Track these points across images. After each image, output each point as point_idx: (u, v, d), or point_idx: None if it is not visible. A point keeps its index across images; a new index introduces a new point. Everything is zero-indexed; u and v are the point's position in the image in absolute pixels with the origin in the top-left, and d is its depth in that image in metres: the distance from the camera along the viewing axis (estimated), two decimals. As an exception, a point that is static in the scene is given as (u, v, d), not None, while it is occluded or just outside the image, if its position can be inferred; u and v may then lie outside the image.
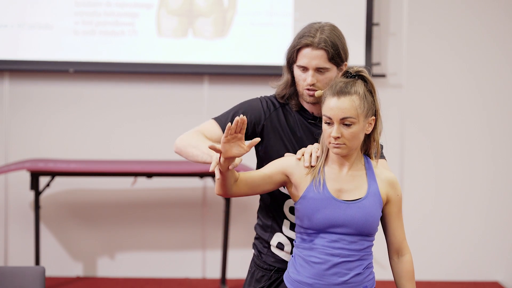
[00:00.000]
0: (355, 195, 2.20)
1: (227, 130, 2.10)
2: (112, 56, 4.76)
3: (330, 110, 2.16)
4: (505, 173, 4.96)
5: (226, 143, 2.10)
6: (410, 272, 2.27)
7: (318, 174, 2.21)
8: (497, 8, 4.91)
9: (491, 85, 4.94)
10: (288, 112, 2.48)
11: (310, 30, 2.40)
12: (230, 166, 2.13)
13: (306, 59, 2.37)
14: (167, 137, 4.85)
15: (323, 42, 2.37)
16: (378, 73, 4.86)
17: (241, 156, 2.15)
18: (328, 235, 2.18)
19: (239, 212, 4.86)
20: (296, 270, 2.23)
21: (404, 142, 4.94)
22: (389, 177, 2.25)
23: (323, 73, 2.38)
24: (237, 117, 2.12)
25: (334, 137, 2.15)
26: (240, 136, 2.13)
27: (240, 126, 2.12)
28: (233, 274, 4.84)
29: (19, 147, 4.82)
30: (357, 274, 2.19)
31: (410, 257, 2.27)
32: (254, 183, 2.26)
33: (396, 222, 2.26)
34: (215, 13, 4.79)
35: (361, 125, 2.17)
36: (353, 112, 2.15)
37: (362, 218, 2.17)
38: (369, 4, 4.80)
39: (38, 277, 2.55)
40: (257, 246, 2.53)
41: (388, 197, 2.24)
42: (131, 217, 4.89)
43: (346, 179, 2.21)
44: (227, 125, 2.13)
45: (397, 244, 2.27)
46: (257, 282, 2.49)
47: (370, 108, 2.19)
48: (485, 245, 4.96)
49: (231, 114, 2.47)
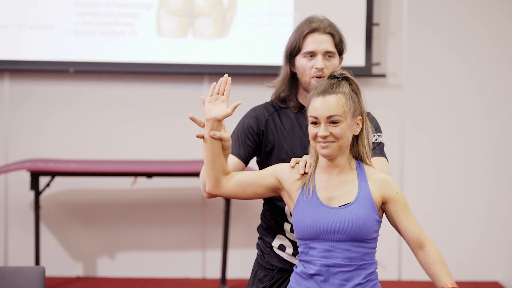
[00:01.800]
0: (345, 201, 2.16)
1: (211, 90, 2.20)
2: (112, 56, 4.76)
3: (316, 109, 2.15)
4: (505, 173, 4.96)
5: (209, 103, 2.20)
6: (437, 258, 2.16)
7: (308, 182, 2.19)
8: (497, 8, 4.91)
9: (491, 85, 4.94)
10: (285, 115, 2.47)
11: (312, 19, 2.43)
12: (211, 133, 2.19)
13: (315, 44, 2.38)
14: (167, 137, 4.85)
15: (329, 26, 2.42)
16: (378, 73, 4.86)
17: (228, 134, 2.21)
18: (321, 244, 2.14)
19: (239, 212, 4.86)
20: (296, 280, 2.21)
21: (404, 142, 4.94)
22: (382, 177, 2.21)
23: (329, 60, 2.40)
24: (221, 77, 2.20)
25: (322, 136, 2.13)
26: (223, 98, 2.20)
27: (224, 86, 2.20)
28: (233, 274, 4.84)
29: (19, 147, 4.82)
30: (358, 284, 2.14)
31: (433, 244, 2.17)
32: (245, 182, 2.24)
33: (406, 218, 2.19)
34: (215, 13, 4.79)
35: (348, 124, 2.15)
36: (339, 110, 2.13)
37: (351, 222, 2.12)
38: (369, 4, 4.80)
39: (38, 277, 2.55)
40: (260, 246, 2.54)
41: (385, 197, 2.19)
42: (131, 217, 4.89)
43: (336, 186, 2.18)
44: (234, 148, 2.25)
45: (415, 239, 2.19)
46: (259, 281, 2.50)
47: (357, 108, 2.18)
48: (485, 245, 4.96)
49: (234, 139, 2.46)
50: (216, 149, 2.21)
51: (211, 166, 2.22)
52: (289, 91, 2.48)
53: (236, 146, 2.43)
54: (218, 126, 2.21)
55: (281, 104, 2.50)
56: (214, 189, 2.23)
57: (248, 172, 2.29)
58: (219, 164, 2.22)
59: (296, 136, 2.44)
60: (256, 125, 2.45)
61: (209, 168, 2.22)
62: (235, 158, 2.41)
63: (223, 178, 2.23)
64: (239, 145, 2.43)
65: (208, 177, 2.23)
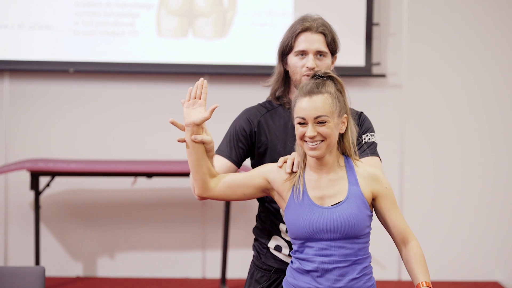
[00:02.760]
0: (336, 200, 2.17)
1: (188, 94, 2.23)
2: (112, 56, 4.76)
3: (303, 110, 2.15)
4: (505, 173, 4.96)
5: (186, 108, 2.23)
6: (417, 255, 2.19)
7: (298, 182, 2.20)
8: (497, 8, 4.91)
9: (491, 85, 4.94)
10: (278, 115, 2.47)
11: (306, 18, 2.43)
12: (192, 137, 2.21)
13: (307, 43, 2.38)
14: (167, 137, 4.85)
15: (322, 26, 2.41)
16: (378, 73, 4.86)
17: (209, 137, 2.22)
18: (316, 244, 2.16)
19: (239, 212, 4.86)
20: (292, 275, 2.23)
21: (404, 142, 4.94)
22: (371, 172, 2.21)
23: (321, 59, 2.39)
24: (197, 81, 2.21)
25: (310, 137, 2.13)
26: (201, 102, 2.23)
27: (200, 90, 2.23)
28: (233, 274, 4.84)
29: (19, 147, 4.82)
30: (353, 279, 2.16)
31: (416, 242, 2.20)
32: (234, 184, 2.25)
33: (393, 214, 2.21)
34: (215, 13, 4.79)
35: (335, 123, 2.16)
36: (326, 110, 2.14)
37: (344, 220, 2.13)
38: (369, 4, 4.80)
39: (38, 277, 2.55)
40: (256, 247, 2.54)
41: (374, 193, 2.20)
42: (131, 217, 4.89)
43: (326, 185, 2.19)
44: (226, 151, 2.27)
45: (401, 235, 2.21)
46: (256, 282, 2.50)
47: (342, 107, 2.19)
48: (485, 245, 4.96)
49: (226, 141, 2.47)
50: (200, 153, 2.23)
51: (197, 170, 2.23)
52: (283, 89, 2.49)
53: (228, 148, 2.43)
54: (198, 130, 2.24)
55: (277, 102, 2.50)
56: (202, 192, 2.25)
57: (237, 173, 2.29)
58: (205, 167, 2.23)
59: (289, 135, 2.43)
60: (248, 127, 2.45)
61: (195, 172, 2.23)
62: (227, 161, 2.41)
63: (210, 181, 2.25)
64: (231, 148, 2.43)
65: (195, 181, 2.24)
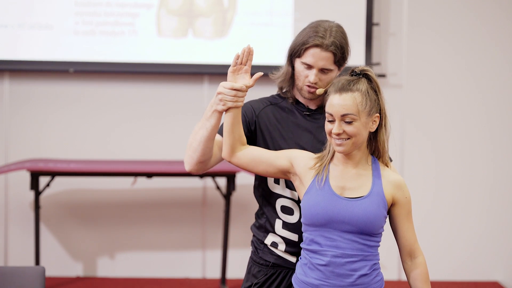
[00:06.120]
0: (357, 193, 2.19)
1: (234, 60, 2.32)
2: (112, 56, 4.76)
3: (332, 107, 2.18)
4: (505, 173, 4.96)
5: (232, 73, 2.31)
6: (424, 275, 2.24)
7: (322, 171, 2.22)
8: (497, 8, 4.91)
9: (491, 85, 4.94)
10: (281, 108, 2.51)
11: (319, 30, 2.41)
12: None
13: (313, 59, 2.40)
14: (167, 137, 4.85)
15: (333, 45, 2.40)
16: (378, 73, 4.86)
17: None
18: (329, 233, 2.17)
19: (239, 212, 4.86)
20: (303, 271, 2.24)
21: (404, 142, 4.94)
22: (396, 179, 2.24)
23: (326, 74, 2.42)
24: (244, 47, 2.28)
25: (336, 134, 2.16)
26: (246, 69, 2.33)
27: (247, 57, 2.31)
28: (233, 274, 4.84)
29: (19, 147, 4.82)
30: (363, 275, 2.18)
31: (423, 259, 2.25)
32: (259, 158, 2.31)
33: (406, 224, 2.25)
34: (215, 13, 4.79)
35: (363, 123, 2.18)
36: (353, 109, 2.16)
37: (362, 215, 2.15)
38: (369, 4, 4.80)
39: (38, 277, 2.55)
40: (254, 243, 2.58)
41: (394, 199, 2.23)
42: (131, 217, 4.89)
43: (350, 177, 2.21)
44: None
45: (408, 247, 2.25)
46: (254, 277, 2.54)
47: (374, 106, 2.20)
48: (485, 245, 4.96)
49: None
50: (235, 118, 2.31)
51: (229, 134, 2.31)
52: (288, 86, 2.53)
53: None
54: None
55: (283, 95, 2.55)
56: (228, 155, 2.32)
57: (265, 149, 2.36)
58: (237, 133, 2.32)
59: (289, 128, 2.47)
60: (250, 113, 2.49)
61: (227, 135, 2.32)
62: (220, 137, 2.46)
63: (239, 148, 2.32)
64: None
65: (224, 144, 2.33)
